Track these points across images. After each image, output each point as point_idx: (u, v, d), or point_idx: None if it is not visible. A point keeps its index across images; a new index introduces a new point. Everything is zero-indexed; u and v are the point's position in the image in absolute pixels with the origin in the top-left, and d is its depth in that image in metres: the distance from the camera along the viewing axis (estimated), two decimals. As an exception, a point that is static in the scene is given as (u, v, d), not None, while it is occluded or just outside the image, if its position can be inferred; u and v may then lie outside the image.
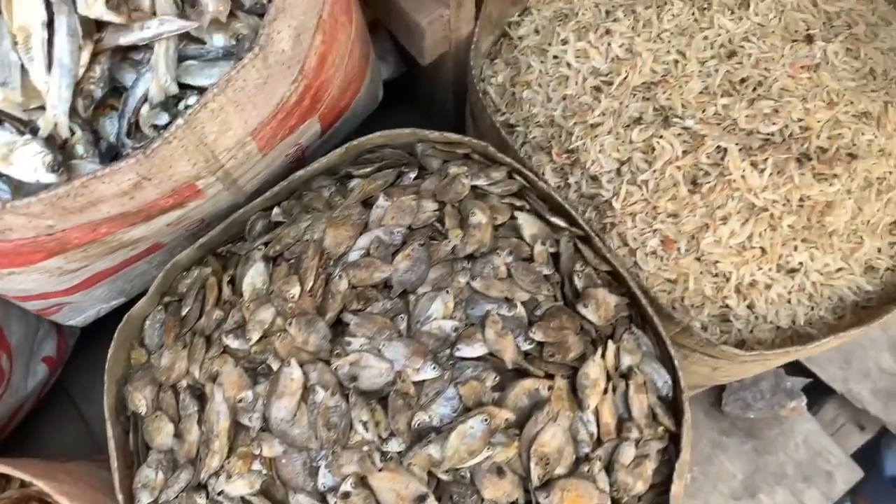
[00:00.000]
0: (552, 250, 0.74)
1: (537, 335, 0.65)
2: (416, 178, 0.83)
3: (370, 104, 0.97)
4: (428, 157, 0.86)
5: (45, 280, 0.73)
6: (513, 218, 0.76)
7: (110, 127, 0.62)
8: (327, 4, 0.65)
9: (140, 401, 0.75)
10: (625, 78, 0.83)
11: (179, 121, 0.56)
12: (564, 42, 0.90)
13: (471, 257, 0.71)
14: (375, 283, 0.69)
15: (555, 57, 0.91)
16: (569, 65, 0.89)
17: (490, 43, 1.00)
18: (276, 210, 0.82)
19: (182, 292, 0.81)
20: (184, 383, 0.73)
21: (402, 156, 0.87)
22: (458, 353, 0.63)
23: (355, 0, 0.79)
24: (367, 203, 0.79)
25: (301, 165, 0.84)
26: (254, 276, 0.74)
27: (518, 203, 0.78)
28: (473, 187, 0.79)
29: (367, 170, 0.84)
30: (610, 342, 0.70)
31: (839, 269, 0.80)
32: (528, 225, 0.75)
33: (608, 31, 0.87)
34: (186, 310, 0.78)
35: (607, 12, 0.90)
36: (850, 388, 1.10)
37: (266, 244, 0.78)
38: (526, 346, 0.65)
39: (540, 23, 0.97)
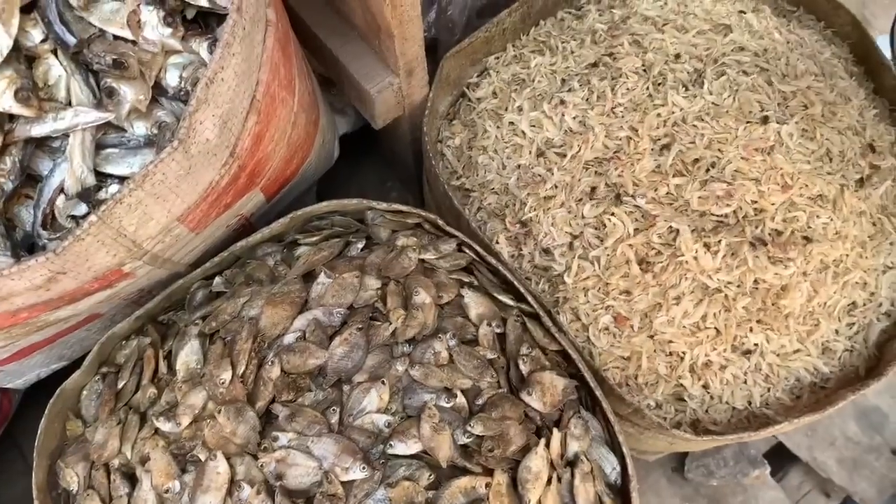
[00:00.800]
0: (499, 331, 0.72)
1: (476, 429, 0.63)
2: (363, 249, 0.81)
3: (323, 165, 0.95)
4: (377, 226, 0.83)
5: (-31, 357, 0.70)
6: (459, 296, 0.74)
7: (26, 216, 0.59)
8: (261, 85, 0.63)
9: (72, 478, 0.71)
10: (577, 152, 0.81)
11: (93, 217, 0.53)
12: (520, 109, 0.89)
13: (412, 340, 0.69)
14: (310, 371, 0.66)
15: (510, 123, 0.89)
16: (523, 133, 0.87)
17: (448, 103, 0.99)
18: (217, 280, 0.80)
19: (119, 363, 0.78)
20: (115, 462, 0.70)
21: (351, 223, 0.85)
22: (390, 451, 0.61)
23: (301, 69, 0.77)
24: (311, 276, 0.77)
25: (248, 232, 0.82)
26: (188, 355, 0.71)
27: (466, 279, 0.76)
28: (421, 261, 0.77)
29: (314, 238, 0.82)
30: (555, 430, 0.67)
31: (796, 351, 0.78)
32: (474, 304, 0.73)
33: (562, 102, 0.86)
34: (122, 383, 0.75)
35: (563, 81, 0.89)
36: (815, 456, 1.08)
37: (204, 318, 0.76)
38: (464, 440, 0.63)
39: (498, 85, 0.95)
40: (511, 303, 0.74)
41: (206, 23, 0.65)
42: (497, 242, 0.85)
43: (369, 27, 0.81)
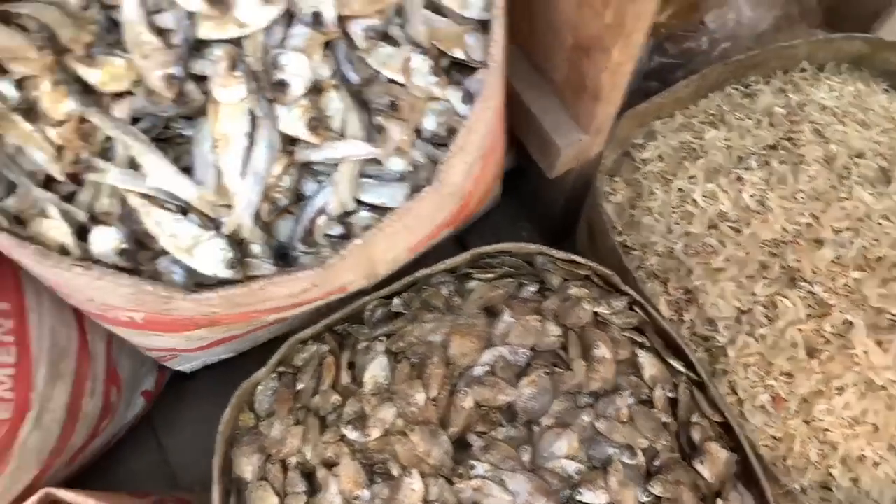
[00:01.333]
0: (670, 395, 0.75)
1: (656, 489, 0.66)
2: (535, 292, 0.85)
3: (493, 203, 1.00)
4: (548, 272, 0.88)
5: (181, 342, 0.77)
6: (634, 355, 0.78)
7: (283, 229, 0.65)
8: (490, 134, 0.68)
9: (246, 466, 0.77)
10: (754, 230, 0.84)
11: (358, 241, 0.59)
12: (693, 179, 0.93)
13: (594, 393, 0.73)
14: (499, 406, 0.71)
15: (680, 189, 0.93)
16: (695, 202, 0.91)
17: (612, 160, 1.03)
18: (396, 301, 0.85)
19: (297, 365, 0.84)
20: (293, 460, 0.75)
21: (521, 265, 0.90)
22: (579, 498, 0.64)
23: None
24: (488, 310, 0.81)
25: (423, 258, 0.87)
26: (376, 370, 0.76)
27: (638, 339, 0.80)
28: (595, 314, 0.81)
29: (489, 276, 0.87)
30: (719, 501, 0.70)
31: (952, 459, 0.79)
32: (648, 365, 0.77)
33: (740, 179, 0.89)
34: (301, 385, 0.80)
35: (740, 158, 0.92)
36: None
37: (388, 335, 0.81)
38: (644, 499, 0.66)
39: (665, 150, 0.99)
40: (681, 369, 0.77)
41: (449, 70, 0.71)
42: (657, 305, 0.88)
43: (572, 87, 0.85)
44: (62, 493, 0.71)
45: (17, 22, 0.61)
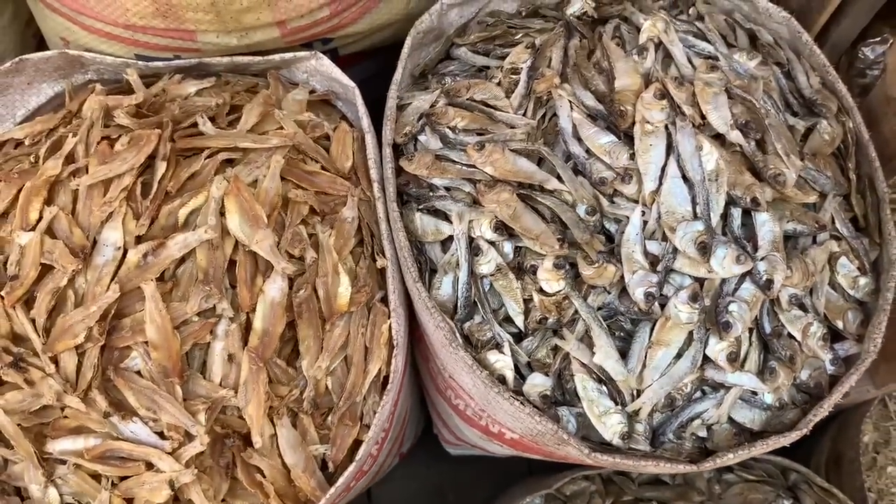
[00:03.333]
0: None
1: None
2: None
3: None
4: (803, 492, 1.00)
5: (507, 452, 0.93)
6: None
7: (657, 415, 0.80)
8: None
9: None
10: None
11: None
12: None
13: None
14: None
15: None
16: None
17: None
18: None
19: (566, 495, 0.99)
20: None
21: (776, 474, 1.03)
22: None
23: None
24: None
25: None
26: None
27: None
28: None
29: (750, 477, 1.00)
30: None
31: None
32: None
33: None
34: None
35: None
36: None
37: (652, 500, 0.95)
38: None
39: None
40: None
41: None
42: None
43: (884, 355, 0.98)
44: None
45: (537, 209, 0.80)
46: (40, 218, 0.79)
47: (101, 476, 0.78)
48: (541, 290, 0.79)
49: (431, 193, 0.87)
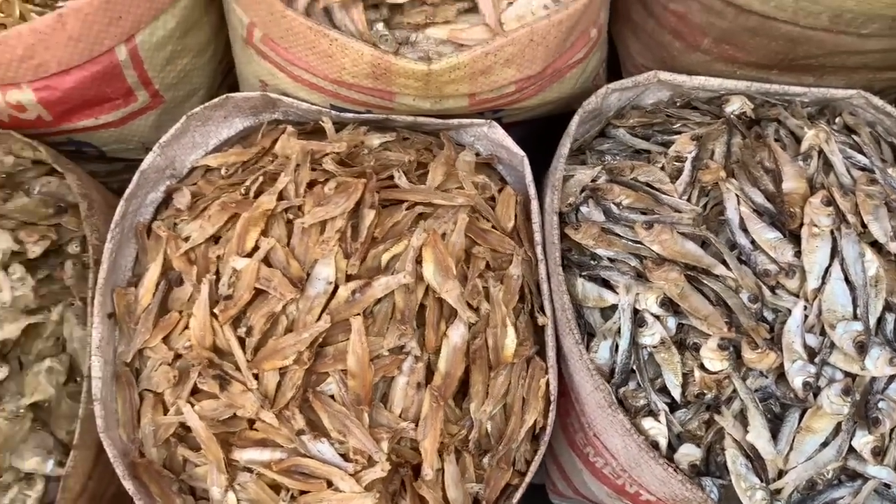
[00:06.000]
0: None
1: None
2: None
3: None
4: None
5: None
6: None
7: (794, 496, 0.86)
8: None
9: None
10: None
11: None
12: None
13: None
14: None
15: None
16: None
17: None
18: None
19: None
20: None
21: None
22: None
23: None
24: None
25: None
26: None
27: None
28: None
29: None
30: None
31: None
32: None
33: None
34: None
35: None
36: None
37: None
38: None
39: None
40: None
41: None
42: None
43: None
44: None
45: (702, 290, 0.87)
46: (255, 247, 0.88)
47: (281, 488, 0.85)
48: (702, 367, 0.86)
49: (594, 262, 0.95)
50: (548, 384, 0.91)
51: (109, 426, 0.89)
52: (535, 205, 1.00)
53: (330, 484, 0.83)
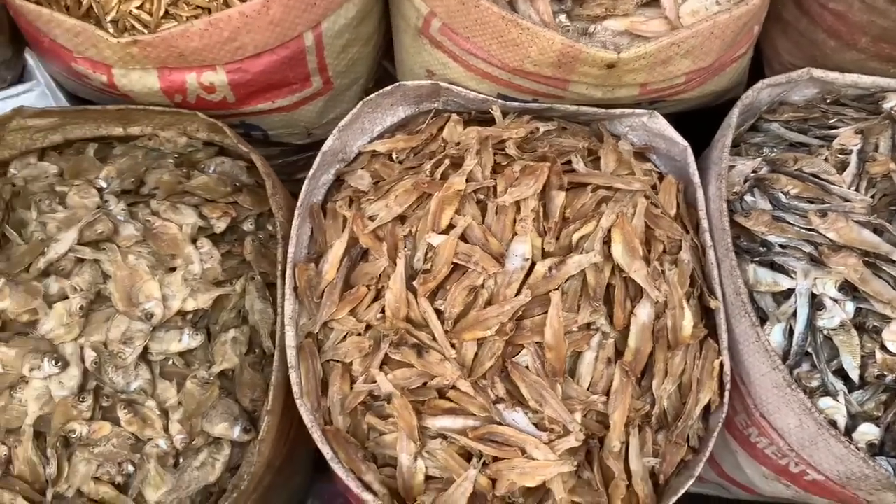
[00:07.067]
0: None
1: None
2: None
3: None
4: None
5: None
6: None
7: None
8: None
9: None
10: None
11: None
12: None
13: None
14: None
15: None
16: None
17: None
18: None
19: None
20: None
21: None
22: None
23: None
24: None
25: None
26: None
27: None
28: None
29: None
30: None
31: None
32: None
33: None
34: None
35: None
36: None
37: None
38: None
39: None
40: None
41: None
42: None
43: None
44: None
45: (881, 276, 0.90)
46: (450, 225, 0.92)
47: (472, 456, 0.88)
48: (883, 349, 0.88)
49: (764, 249, 0.98)
50: (721, 365, 0.94)
51: (301, 394, 0.94)
52: (700, 193, 1.04)
53: (523, 452, 0.87)
